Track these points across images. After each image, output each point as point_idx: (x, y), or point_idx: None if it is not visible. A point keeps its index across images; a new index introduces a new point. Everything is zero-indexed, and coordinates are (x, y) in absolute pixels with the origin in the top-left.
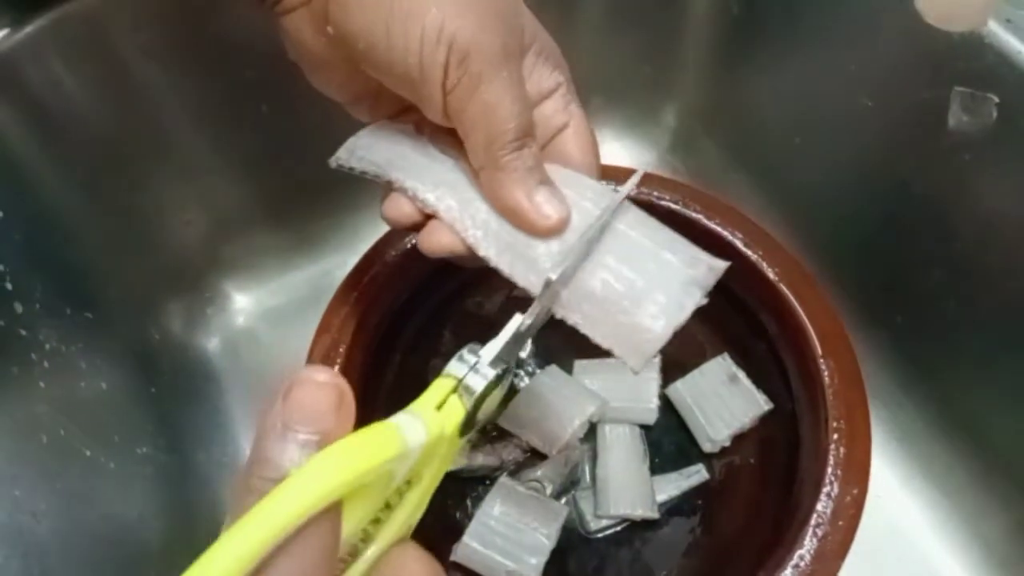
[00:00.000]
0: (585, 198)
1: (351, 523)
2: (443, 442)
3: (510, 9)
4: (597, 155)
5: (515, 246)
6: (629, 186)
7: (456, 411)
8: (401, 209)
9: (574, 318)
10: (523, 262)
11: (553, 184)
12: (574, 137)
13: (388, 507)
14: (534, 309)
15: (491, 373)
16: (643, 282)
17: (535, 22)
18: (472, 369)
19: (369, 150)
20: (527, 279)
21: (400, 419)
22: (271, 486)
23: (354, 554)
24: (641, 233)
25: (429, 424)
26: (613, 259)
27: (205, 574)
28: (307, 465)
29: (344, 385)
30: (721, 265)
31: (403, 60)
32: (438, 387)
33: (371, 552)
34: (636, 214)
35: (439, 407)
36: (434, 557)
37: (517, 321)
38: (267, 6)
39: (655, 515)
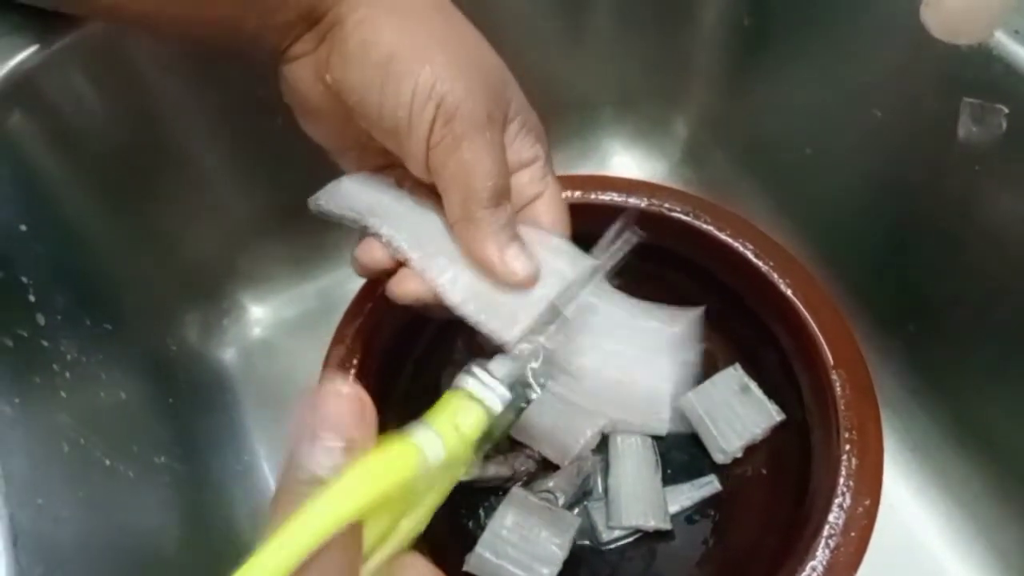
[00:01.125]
0: (560, 259)
1: (372, 535)
2: (458, 458)
3: (500, 83)
4: (567, 224)
5: (482, 295)
6: (609, 252)
7: (473, 429)
8: (373, 254)
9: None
10: (490, 310)
11: (523, 243)
12: (546, 205)
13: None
14: (539, 331)
15: (508, 396)
16: (637, 352)
17: (522, 99)
18: (487, 387)
19: (348, 196)
20: (491, 325)
21: (420, 436)
22: (304, 488)
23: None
24: (622, 308)
25: (447, 441)
26: (605, 339)
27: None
28: (335, 485)
29: (365, 396)
30: (697, 312)
31: (393, 114)
32: (455, 403)
33: (377, 559)
34: (610, 289)
35: (455, 423)
36: (445, 567)
37: (530, 346)
38: (274, 55)
39: (667, 526)
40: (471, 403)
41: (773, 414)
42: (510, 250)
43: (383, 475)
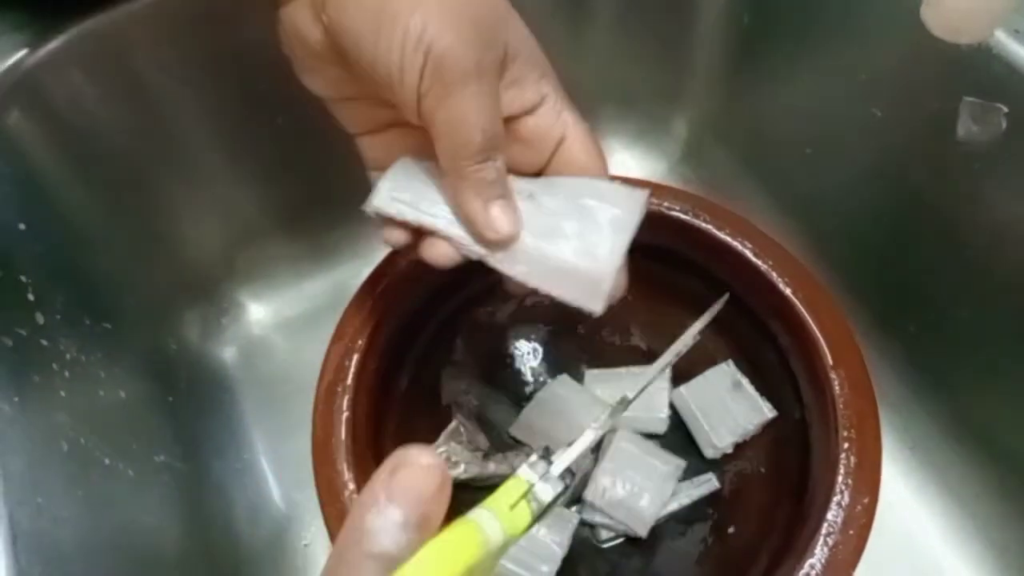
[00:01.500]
0: (615, 207)
1: None
2: (513, 539)
3: (495, 23)
4: (603, 157)
5: (558, 272)
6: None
7: (524, 515)
8: (438, 251)
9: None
10: (573, 286)
11: (511, 200)
12: (576, 145)
13: None
14: (604, 425)
15: (560, 486)
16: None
17: (523, 35)
18: (542, 478)
19: (399, 191)
20: (580, 301)
21: (482, 518)
22: (370, 562)
23: None
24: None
25: (504, 525)
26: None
27: None
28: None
29: (446, 472)
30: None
31: (386, 60)
32: (511, 489)
33: None
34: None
35: (512, 507)
36: None
37: (590, 437)
38: None
39: (642, 534)
40: (524, 487)
41: (765, 411)
42: (494, 207)
43: (453, 560)
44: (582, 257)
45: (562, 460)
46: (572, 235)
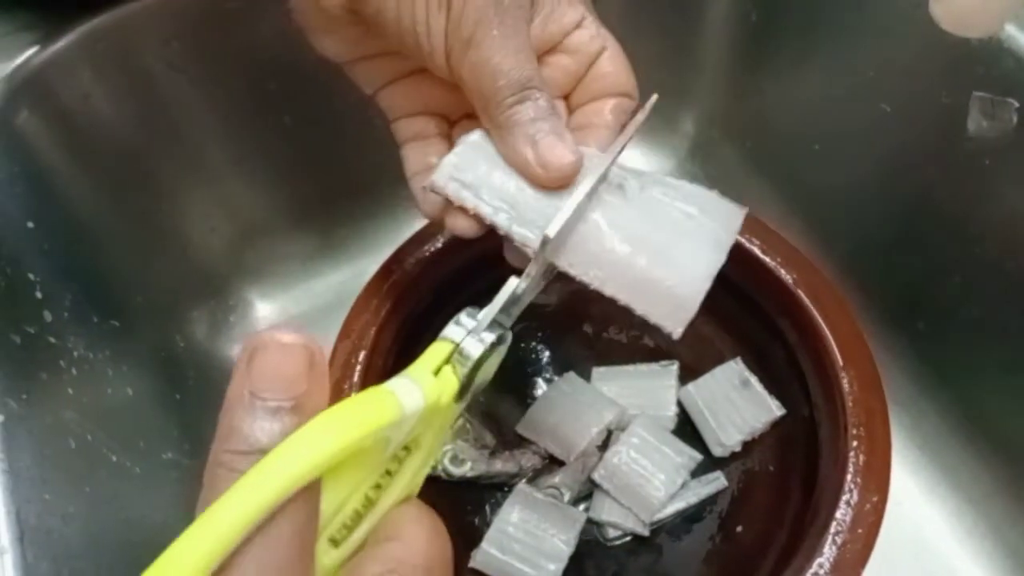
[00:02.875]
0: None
1: (345, 490)
2: (440, 407)
3: None
4: (632, 74)
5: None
6: (633, 126)
7: (453, 376)
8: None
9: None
10: (624, 283)
11: (565, 132)
12: (611, 59)
13: (389, 474)
14: (530, 269)
15: (489, 338)
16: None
17: None
18: (469, 334)
19: (465, 172)
20: (655, 315)
21: (397, 384)
22: (241, 460)
23: (357, 520)
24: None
25: (426, 389)
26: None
27: (169, 569)
28: (295, 435)
29: (314, 345)
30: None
31: (411, 28)
32: (434, 351)
33: (373, 517)
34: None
35: (436, 372)
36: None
37: (513, 284)
38: None
39: (644, 532)
40: (450, 348)
41: (773, 408)
42: (542, 142)
43: (352, 423)
44: (671, 272)
45: (487, 312)
46: (662, 244)
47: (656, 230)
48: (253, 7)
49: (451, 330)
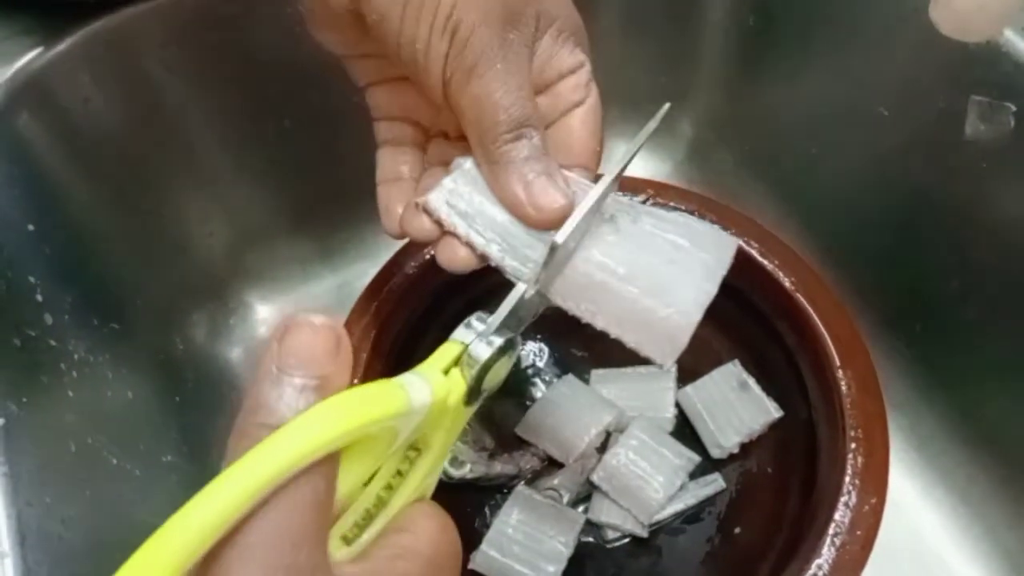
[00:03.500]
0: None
1: (352, 479)
2: (449, 408)
3: None
4: (601, 137)
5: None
6: (637, 143)
7: (461, 377)
8: (459, 254)
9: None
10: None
11: (557, 173)
12: (584, 114)
13: (400, 475)
14: (539, 276)
15: (497, 341)
16: (657, 271)
17: (561, 3)
18: (479, 336)
19: (460, 199)
20: (646, 348)
21: (406, 378)
22: (267, 432)
23: (368, 519)
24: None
25: (435, 387)
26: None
27: (185, 525)
28: (306, 413)
29: (341, 330)
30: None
31: (411, 44)
32: (445, 352)
33: (385, 516)
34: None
35: (445, 372)
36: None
37: (521, 289)
38: None
39: (643, 533)
40: (459, 349)
41: (771, 410)
42: (535, 183)
43: (361, 407)
44: (662, 305)
45: (496, 317)
46: (653, 277)
47: (647, 263)
48: (251, 11)
49: (461, 332)
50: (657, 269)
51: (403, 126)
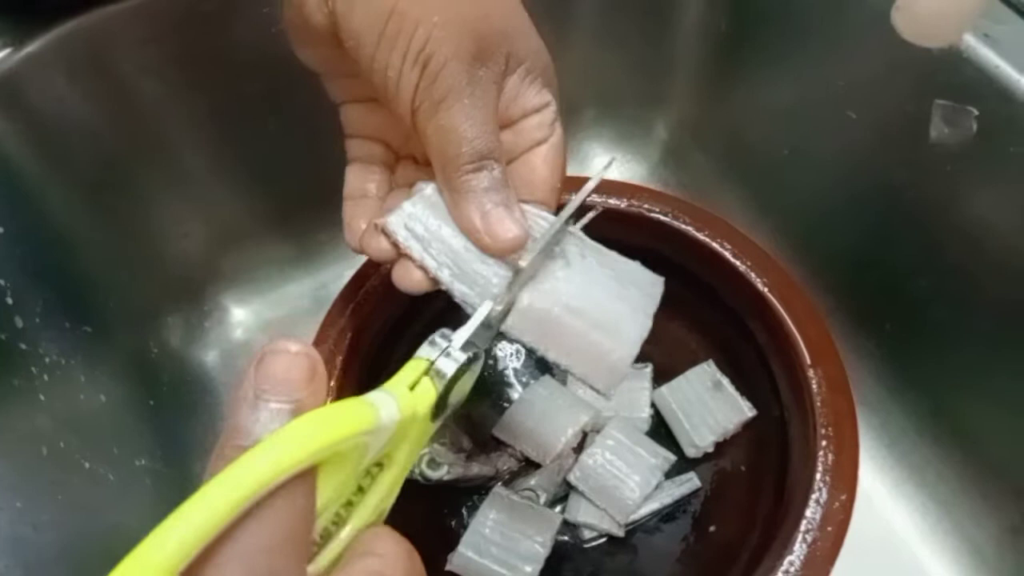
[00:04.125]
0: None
1: (321, 498)
2: (415, 423)
3: (499, 34)
4: (561, 174)
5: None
6: (581, 195)
7: (428, 393)
8: (412, 277)
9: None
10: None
11: (515, 206)
12: (546, 152)
13: (361, 491)
14: (503, 296)
15: (462, 357)
16: (602, 306)
17: (532, 44)
18: (443, 353)
19: (417, 223)
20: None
21: (374, 396)
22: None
23: (327, 537)
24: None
25: (402, 403)
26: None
27: (164, 541)
28: (280, 430)
29: (316, 356)
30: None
31: (383, 71)
32: (411, 368)
33: (344, 535)
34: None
35: (412, 387)
36: (428, 567)
37: (487, 307)
38: None
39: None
40: (425, 366)
41: (745, 410)
42: (492, 213)
43: (333, 424)
44: (607, 339)
45: (461, 333)
46: (599, 312)
47: (595, 299)
48: (229, 10)
49: (426, 349)
50: (604, 305)
51: (374, 145)
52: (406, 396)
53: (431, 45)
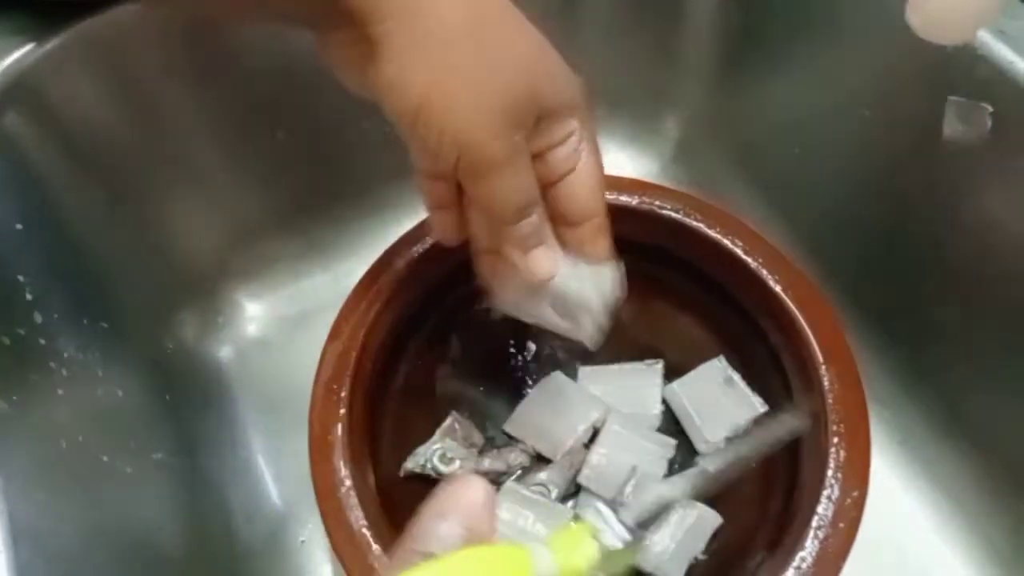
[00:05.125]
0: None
1: None
2: None
3: (529, 91)
4: (601, 188)
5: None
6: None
7: (586, 557)
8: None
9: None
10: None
11: (550, 244)
12: (582, 179)
13: None
14: (681, 484)
15: (627, 537)
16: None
17: (557, 82)
18: (608, 525)
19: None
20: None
21: (534, 548)
22: (419, 557)
23: None
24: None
25: (559, 561)
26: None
27: None
28: (443, 558)
29: (491, 490)
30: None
31: (422, 143)
32: (575, 531)
33: None
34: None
35: (570, 547)
36: None
37: (662, 489)
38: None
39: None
40: (589, 531)
41: (756, 406)
42: (532, 254)
43: (490, 563)
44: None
45: (630, 510)
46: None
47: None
48: None
49: (593, 516)
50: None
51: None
52: (564, 558)
53: (465, 135)
